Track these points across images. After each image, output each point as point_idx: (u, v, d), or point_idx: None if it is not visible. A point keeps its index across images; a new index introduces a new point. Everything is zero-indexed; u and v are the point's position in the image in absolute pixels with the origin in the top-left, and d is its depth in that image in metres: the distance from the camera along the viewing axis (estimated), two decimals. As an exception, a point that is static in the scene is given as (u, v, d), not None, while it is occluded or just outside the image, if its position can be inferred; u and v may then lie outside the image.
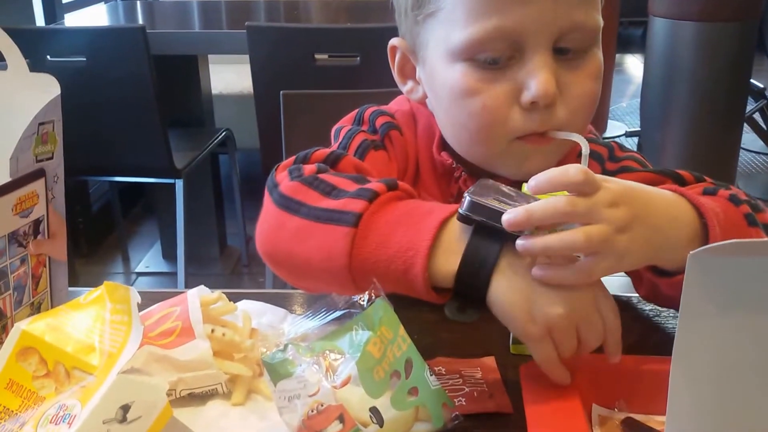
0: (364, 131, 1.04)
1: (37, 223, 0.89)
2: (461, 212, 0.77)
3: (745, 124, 3.88)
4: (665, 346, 0.78)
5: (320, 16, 3.71)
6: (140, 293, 0.78)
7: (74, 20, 3.76)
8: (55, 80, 0.89)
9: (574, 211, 0.74)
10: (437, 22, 0.93)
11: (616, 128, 5.40)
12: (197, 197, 3.23)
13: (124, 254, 3.66)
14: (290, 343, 0.73)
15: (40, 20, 3.56)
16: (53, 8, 3.66)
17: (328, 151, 0.95)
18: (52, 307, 0.93)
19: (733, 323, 0.60)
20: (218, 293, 0.87)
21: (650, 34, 3.67)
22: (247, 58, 2.54)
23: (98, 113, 2.71)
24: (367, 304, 0.75)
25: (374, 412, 0.70)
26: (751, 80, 3.76)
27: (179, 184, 2.89)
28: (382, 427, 0.70)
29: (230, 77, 3.78)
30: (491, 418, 0.79)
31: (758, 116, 4.53)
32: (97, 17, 3.91)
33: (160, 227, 3.62)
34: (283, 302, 1.00)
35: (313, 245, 0.83)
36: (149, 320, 0.82)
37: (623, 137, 5.26)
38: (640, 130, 4.10)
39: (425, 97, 1.02)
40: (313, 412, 0.69)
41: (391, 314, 0.75)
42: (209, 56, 3.51)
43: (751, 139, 4.58)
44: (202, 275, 3.34)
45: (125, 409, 0.65)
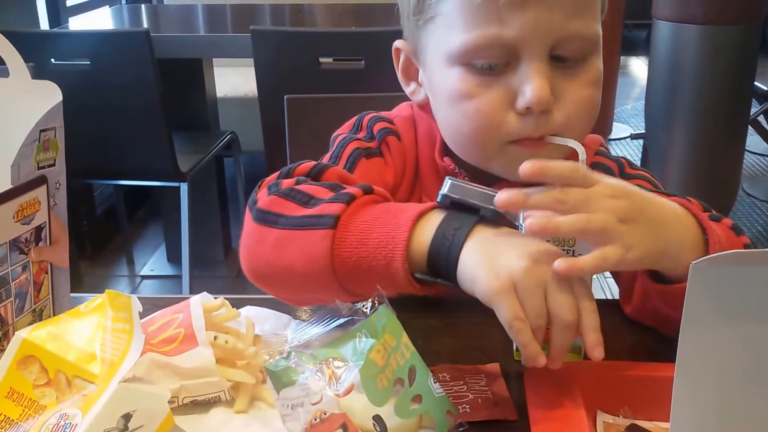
0: (358, 139, 1.05)
1: (38, 230, 0.89)
2: (442, 193, 0.82)
3: (749, 126, 3.87)
4: (661, 349, 0.79)
5: (325, 19, 3.71)
6: (143, 299, 0.78)
7: (78, 24, 3.77)
8: (56, 87, 0.88)
9: (568, 199, 0.77)
10: (436, 27, 0.94)
11: (621, 131, 5.40)
12: (202, 200, 3.23)
13: (128, 257, 3.65)
14: (293, 350, 0.73)
15: (44, 23, 3.56)
16: (57, 11, 3.66)
17: (311, 164, 0.96)
18: (54, 313, 0.93)
19: (735, 332, 0.60)
20: (221, 300, 0.86)
21: (654, 37, 3.66)
22: (251, 61, 2.55)
23: (103, 117, 2.72)
24: (370, 311, 0.74)
25: (378, 420, 0.70)
26: (755, 83, 3.75)
27: (184, 187, 2.89)
28: (385, 435, 0.70)
29: (235, 80, 3.78)
30: (496, 425, 0.79)
31: (763, 119, 4.53)
32: (101, 21, 3.92)
33: (164, 230, 3.62)
34: (286, 308, 0.99)
35: (293, 252, 0.84)
36: (152, 327, 0.82)
37: (628, 139, 5.26)
38: (644, 132, 4.09)
39: (427, 99, 1.04)
40: (316, 420, 0.68)
41: (394, 321, 0.74)
42: (214, 59, 3.51)
43: (755, 141, 4.58)
44: (206, 278, 3.34)
45: (127, 418, 0.65)
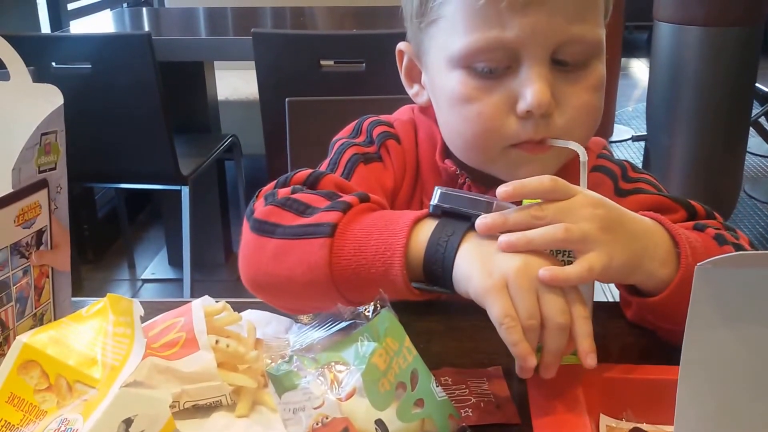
0: (356, 144, 1.06)
1: (39, 233, 0.88)
2: (433, 203, 0.82)
3: (750, 128, 3.87)
4: (664, 352, 0.78)
5: (326, 22, 3.72)
6: (144, 303, 0.78)
7: (80, 27, 3.77)
8: (57, 90, 0.88)
9: (545, 214, 0.78)
10: (438, 29, 0.95)
11: (622, 132, 5.40)
12: (203, 203, 3.23)
13: (130, 261, 3.65)
14: (295, 354, 0.73)
15: (45, 27, 3.56)
16: (59, 15, 3.66)
17: (308, 172, 0.96)
18: (55, 318, 0.92)
19: (739, 334, 0.60)
20: (222, 303, 0.86)
21: (655, 38, 3.66)
22: (253, 64, 2.55)
23: (104, 120, 2.72)
24: (372, 314, 0.74)
25: (380, 424, 0.70)
26: (756, 84, 3.75)
27: (185, 190, 2.89)
28: (387, 439, 0.70)
29: (236, 83, 3.77)
30: (498, 429, 0.79)
31: (764, 120, 4.53)
32: (103, 24, 3.92)
33: (166, 234, 3.62)
34: (288, 311, 0.99)
35: (292, 262, 0.85)
36: (153, 331, 0.81)
37: (629, 141, 5.26)
38: (646, 134, 4.09)
39: (430, 101, 1.04)
40: (318, 424, 0.68)
41: (396, 325, 0.74)
42: (215, 62, 3.51)
43: (757, 143, 4.57)
44: (208, 282, 3.33)
45: (128, 423, 0.65)
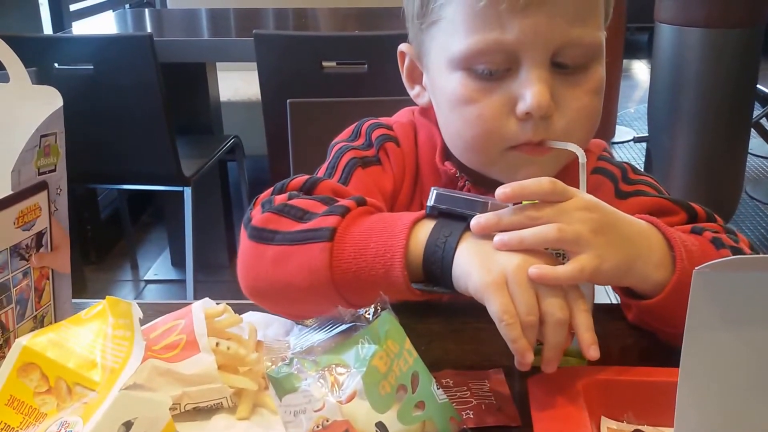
0: (355, 148, 1.06)
1: (39, 235, 0.88)
2: (429, 205, 0.83)
3: (752, 129, 3.86)
4: (665, 354, 0.78)
5: (328, 23, 3.72)
6: (146, 305, 0.78)
7: (82, 28, 3.77)
8: (57, 92, 0.88)
9: (540, 215, 0.78)
10: (439, 31, 0.95)
11: (624, 134, 5.39)
12: (206, 204, 3.23)
13: (132, 262, 3.66)
14: (296, 356, 0.72)
15: (47, 28, 3.56)
16: (61, 16, 3.66)
17: (304, 178, 0.96)
18: (55, 320, 0.92)
19: (739, 337, 0.60)
20: (223, 305, 0.86)
21: (657, 40, 3.66)
22: (255, 65, 2.55)
23: (106, 121, 2.72)
24: (372, 317, 0.74)
25: (380, 427, 0.69)
26: (757, 86, 3.75)
27: (187, 191, 2.89)
28: (388, 442, 0.70)
29: (238, 84, 3.78)
30: (499, 430, 0.78)
31: (765, 121, 4.52)
32: (105, 25, 3.93)
33: (168, 235, 3.62)
34: (288, 314, 0.99)
35: (293, 267, 0.85)
36: (154, 333, 0.81)
37: (631, 143, 5.25)
38: (647, 135, 4.09)
39: (431, 102, 1.04)
40: (318, 427, 0.68)
41: (397, 327, 0.74)
42: (217, 64, 3.51)
43: (758, 144, 4.57)
44: (211, 282, 3.33)
45: (128, 425, 0.65)
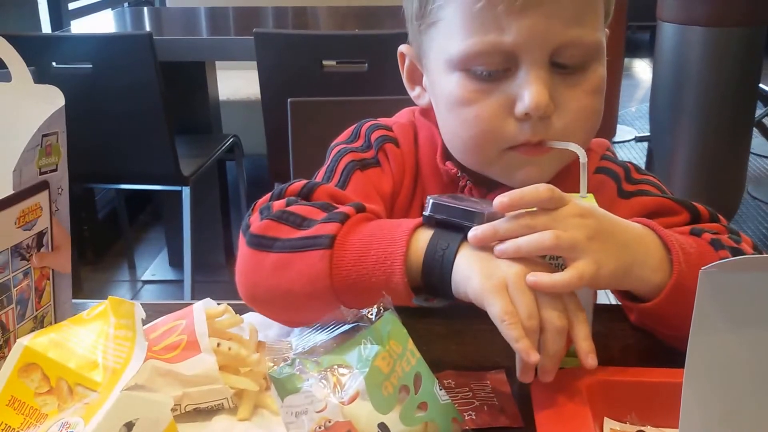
0: (353, 150, 1.05)
1: (40, 235, 0.88)
2: (425, 214, 0.83)
3: (754, 128, 3.86)
4: (669, 355, 0.78)
5: (328, 22, 3.72)
6: (145, 305, 0.77)
7: (80, 27, 3.77)
8: (59, 91, 0.88)
9: (536, 223, 0.78)
10: (437, 32, 0.95)
11: (625, 133, 5.40)
12: (204, 204, 3.23)
13: (130, 262, 3.65)
14: (297, 357, 0.72)
15: (46, 27, 3.56)
16: (59, 15, 3.66)
17: (302, 183, 0.96)
18: (55, 320, 0.92)
19: (744, 338, 0.60)
20: (224, 306, 0.86)
21: (658, 39, 3.66)
22: (254, 64, 2.55)
23: (104, 120, 2.71)
24: (375, 317, 0.74)
25: (383, 428, 0.69)
26: (760, 85, 3.75)
27: (186, 191, 2.88)
28: (390, 443, 0.69)
29: (238, 84, 3.77)
30: (502, 432, 0.79)
31: (767, 121, 4.52)
32: (103, 24, 3.92)
33: (166, 235, 3.61)
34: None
35: (292, 275, 0.85)
36: (154, 333, 0.81)
37: (632, 142, 5.26)
38: (649, 134, 4.09)
39: (431, 103, 1.04)
40: (320, 428, 0.68)
41: (399, 328, 0.74)
42: (217, 63, 3.51)
43: (760, 143, 4.58)
44: (209, 283, 3.32)
45: (129, 426, 0.65)
